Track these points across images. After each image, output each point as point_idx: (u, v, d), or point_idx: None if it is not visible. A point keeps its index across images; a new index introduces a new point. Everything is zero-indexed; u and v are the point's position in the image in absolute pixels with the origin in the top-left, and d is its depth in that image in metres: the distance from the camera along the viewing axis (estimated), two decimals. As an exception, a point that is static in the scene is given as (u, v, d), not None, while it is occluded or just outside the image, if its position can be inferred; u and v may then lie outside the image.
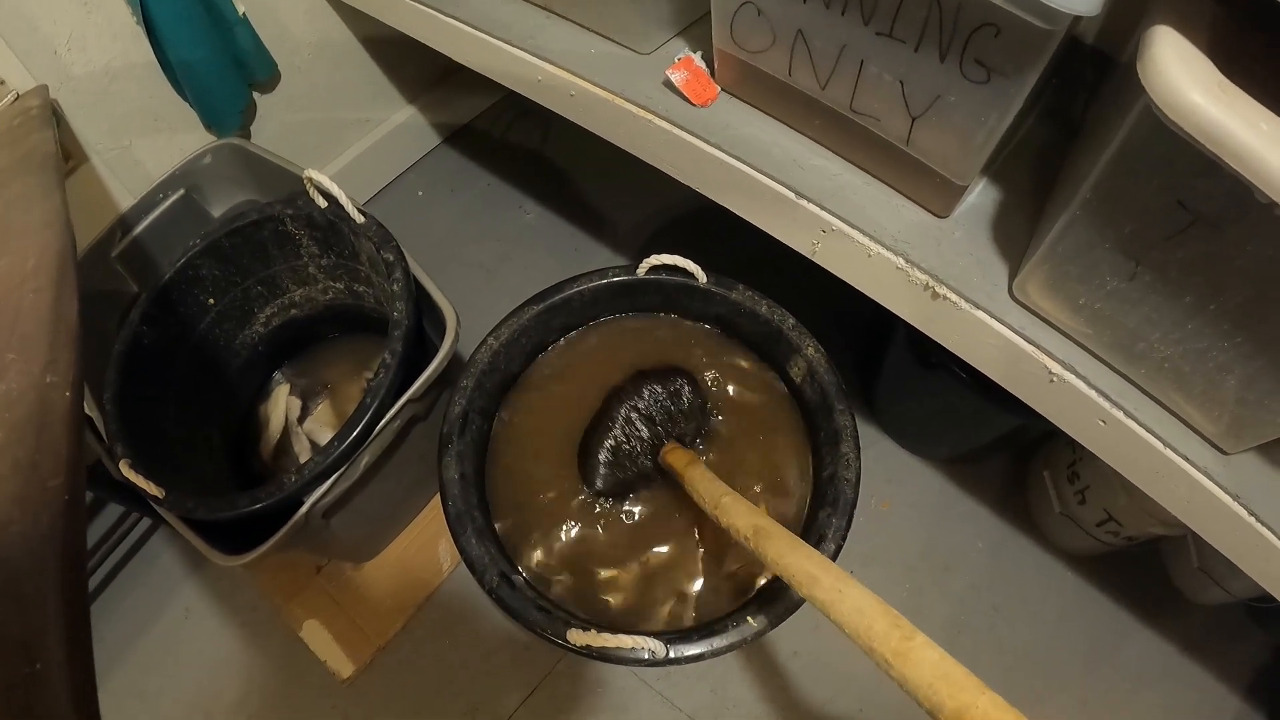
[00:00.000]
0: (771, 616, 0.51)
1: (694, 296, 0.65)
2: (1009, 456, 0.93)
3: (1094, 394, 0.45)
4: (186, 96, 0.79)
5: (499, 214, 1.15)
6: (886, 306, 0.52)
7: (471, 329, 0.66)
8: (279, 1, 0.84)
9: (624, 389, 0.61)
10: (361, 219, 0.66)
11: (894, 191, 0.51)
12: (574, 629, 0.50)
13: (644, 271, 0.63)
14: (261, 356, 0.83)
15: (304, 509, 0.58)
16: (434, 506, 0.87)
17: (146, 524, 0.91)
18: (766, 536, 0.44)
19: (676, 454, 0.58)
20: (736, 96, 0.56)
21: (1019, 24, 0.36)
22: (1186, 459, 0.43)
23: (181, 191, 0.79)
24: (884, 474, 0.92)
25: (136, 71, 0.75)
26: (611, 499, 0.61)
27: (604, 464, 0.59)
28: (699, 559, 0.59)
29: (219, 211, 0.84)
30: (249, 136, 0.91)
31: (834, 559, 0.52)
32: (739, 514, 0.47)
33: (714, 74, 0.56)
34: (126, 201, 0.78)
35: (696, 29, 0.60)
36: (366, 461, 0.61)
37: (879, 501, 0.90)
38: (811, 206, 0.50)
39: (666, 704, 0.80)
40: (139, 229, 0.77)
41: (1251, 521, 0.42)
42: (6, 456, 0.24)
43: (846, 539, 0.53)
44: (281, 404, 0.84)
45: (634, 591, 0.58)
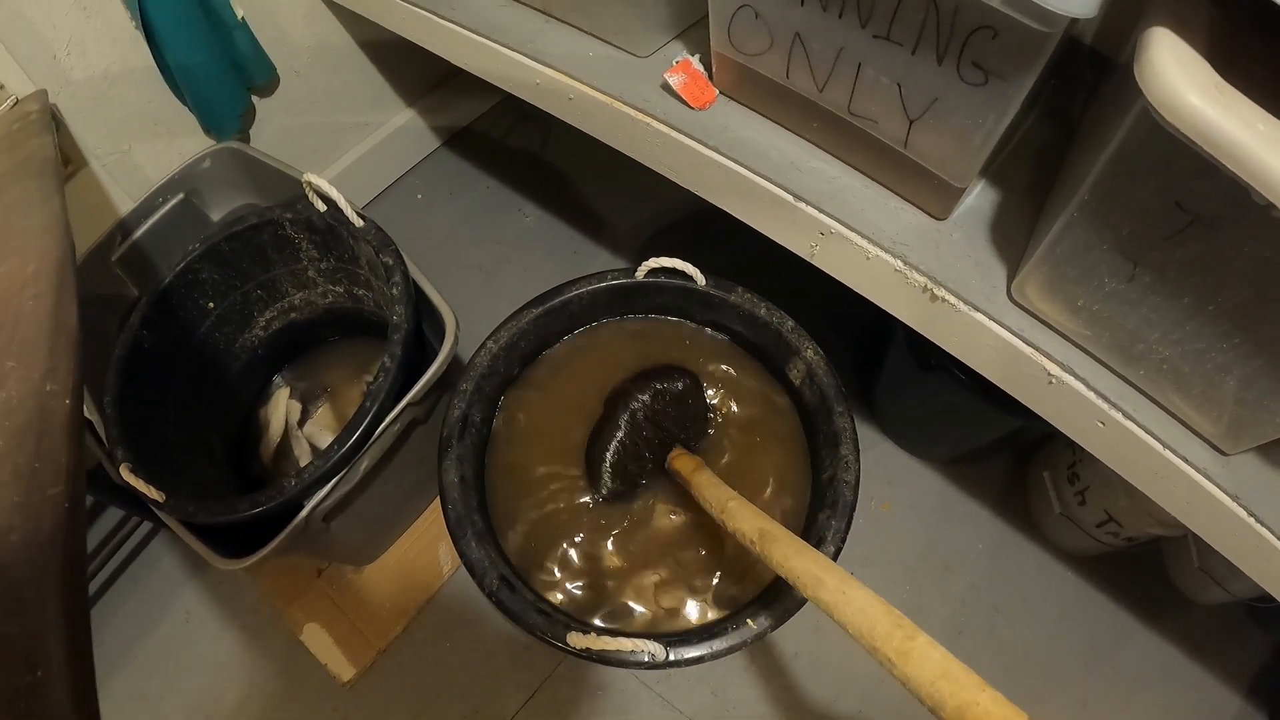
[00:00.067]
0: (772, 618, 0.51)
1: (693, 299, 0.65)
2: (1009, 458, 0.93)
3: (1093, 395, 0.45)
4: (185, 101, 0.79)
5: (498, 217, 1.15)
6: (885, 309, 0.52)
7: (471, 332, 0.66)
8: (278, 6, 0.84)
9: (628, 391, 0.60)
10: (360, 223, 0.66)
11: (892, 194, 0.51)
12: (574, 632, 0.50)
13: (643, 274, 0.63)
14: (261, 360, 0.84)
15: (304, 513, 0.58)
16: (434, 510, 0.87)
17: (147, 528, 0.91)
18: (772, 540, 0.44)
19: (683, 460, 0.59)
20: (734, 99, 0.56)
21: (1016, 26, 0.36)
22: (1186, 460, 0.43)
23: (181, 196, 0.79)
24: (884, 475, 0.92)
25: (135, 76, 0.75)
26: (614, 501, 0.61)
27: (610, 467, 0.59)
28: (700, 560, 0.59)
29: (218, 215, 0.84)
30: (248, 140, 0.91)
31: (834, 561, 0.52)
32: (745, 518, 0.48)
33: (712, 77, 0.56)
34: (126, 206, 0.78)
35: (694, 32, 0.60)
36: (366, 465, 0.61)
37: (879, 503, 0.90)
38: (809, 209, 0.50)
39: (667, 706, 0.80)
40: (138, 233, 0.77)
41: (1251, 522, 0.42)
42: (6, 464, 0.24)
43: (846, 541, 0.54)
44: (281, 407, 0.84)
45: (635, 593, 0.58)
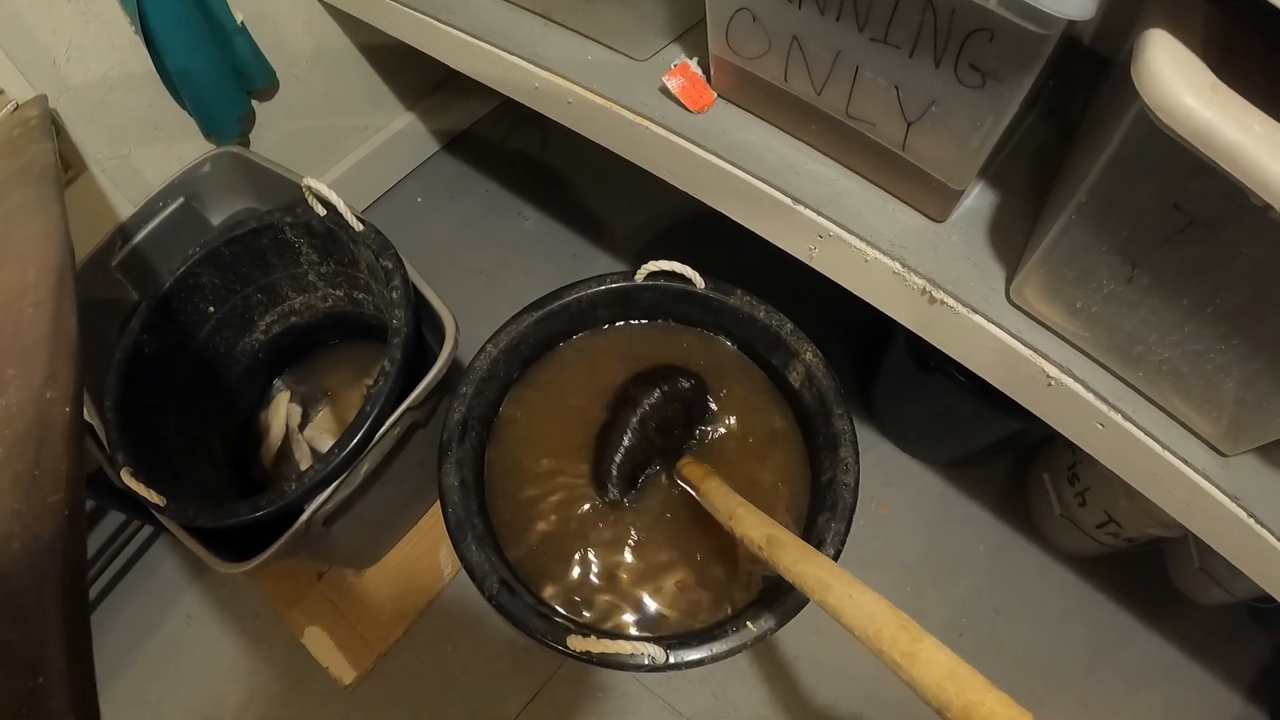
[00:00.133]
0: (772, 620, 0.51)
1: (692, 302, 0.65)
2: (1009, 459, 0.93)
3: (1092, 397, 0.45)
4: (185, 105, 0.79)
5: (498, 220, 1.15)
6: (884, 311, 0.52)
7: (471, 335, 0.66)
8: (277, 10, 0.84)
9: (634, 395, 0.60)
10: (360, 227, 0.66)
11: (890, 196, 0.51)
12: (574, 635, 0.50)
13: (642, 277, 0.63)
14: (262, 364, 0.84)
15: (305, 516, 0.58)
16: (434, 513, 0.87)
17: (148, 532, 0.91)
18: (780, 546, 0.45)
19: (693, 468, 0.59)
20: (732, 102, 0.56)
21: (1013, 29, 0.36)
22: (1185, 461, 0.43)
23: (181, 200, 0.80)
24: (884, 477, 0.92)
25: (135, 80, 0.75)
26: (618, 503, 0.61)
27: (617, 471, 0.59)
28: (702, 562, 0.59)
29: (218, 220, 0.84)
30: (248, 145, 0.91)
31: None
32: (753, 524, 0.48)
33: (710, 80, 0.56)
34: (126, 210, 0.78)
35: (692, 35, 0.60)
36: (367, 469, 0.61)
37: (879, 505, 0.90)
38: (808, 212, 0.50)
39: (668, 709, 0.80)
40: (139, 238, 0.78)
41: (1251, 523, 0.42)
42: (6, 471, 0.24)
43: (846, 543, 0.54)
44: (282, 411, 0.84)
45: (638, 596, 0.58)
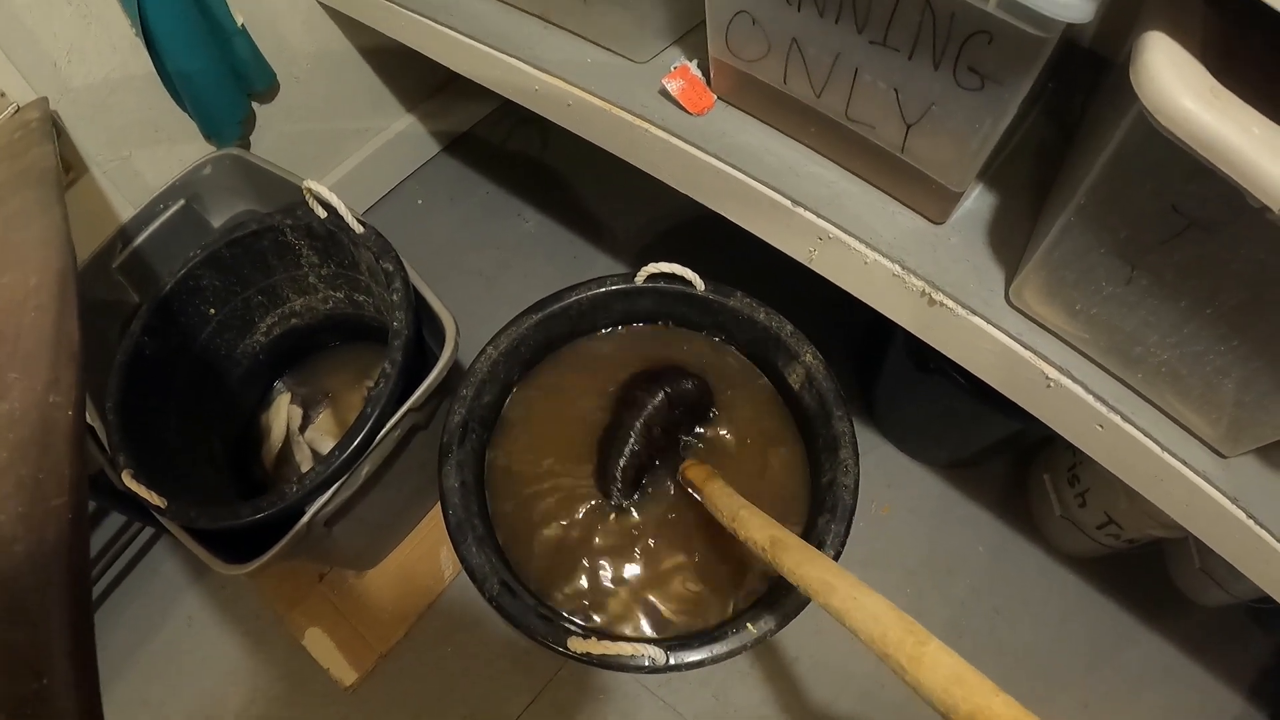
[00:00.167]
0: (773, 622, 0.51)
1: (692, 304, 0.65)
2: (1009, 460, 0.93)
3: (1091, 399, 0.45)
4: (186, 107, 0.79)
5: (498, 222, 1.15)
6: (883, 313, 0.52)
7: (471, 337, 0.66)
8: (277, 12, 0.84)
9: (640, 397, 0.60)
10: (360, 229, 0.66)
11: (890, 198, 0.51)
12: (575, 636, 0.50)
13: (642, 279, 0.63)
14: (262, 366, 0.84)
15: (306, 518, 0.58)
16: (435, 515, 0.87)
17: (149, 533, 0.91)
18: (783, 548, 0.44)
19: (696, 470, 0.59)
20: (732, 105, 0.56)
21: (1011, 32, 0.36)
22: (1185, 463, 0.43)
23: (181, 202, 0.80)
24: (884, 479, 0.92)
25: (136, 83, 0.75)
26: (623, 505, 0.61)
27: (622, 474, 0.59)
28: (705, 563, 0.59)
29: (219, 222, 0.84)
30: (248, 147, 0.91)
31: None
32: (756, 526, 0.48)
33: (710, 82, 0.56)
34: (127, 212, 0.78)
35: (692, 38, 0.61)
36: (368, 470, 0.61)
37: (879, 506, 0.90)
38: (808, 214, 0.51)
39: (669, 710, 0.80)
40: (139, 240, 0.78)
41: (1251, 524, 0.42)
42: (10, 476, 0.24)
43: (846, 544, 0.54)
44: (283, 413, 0.84)
45: (637, 596, 0.58)
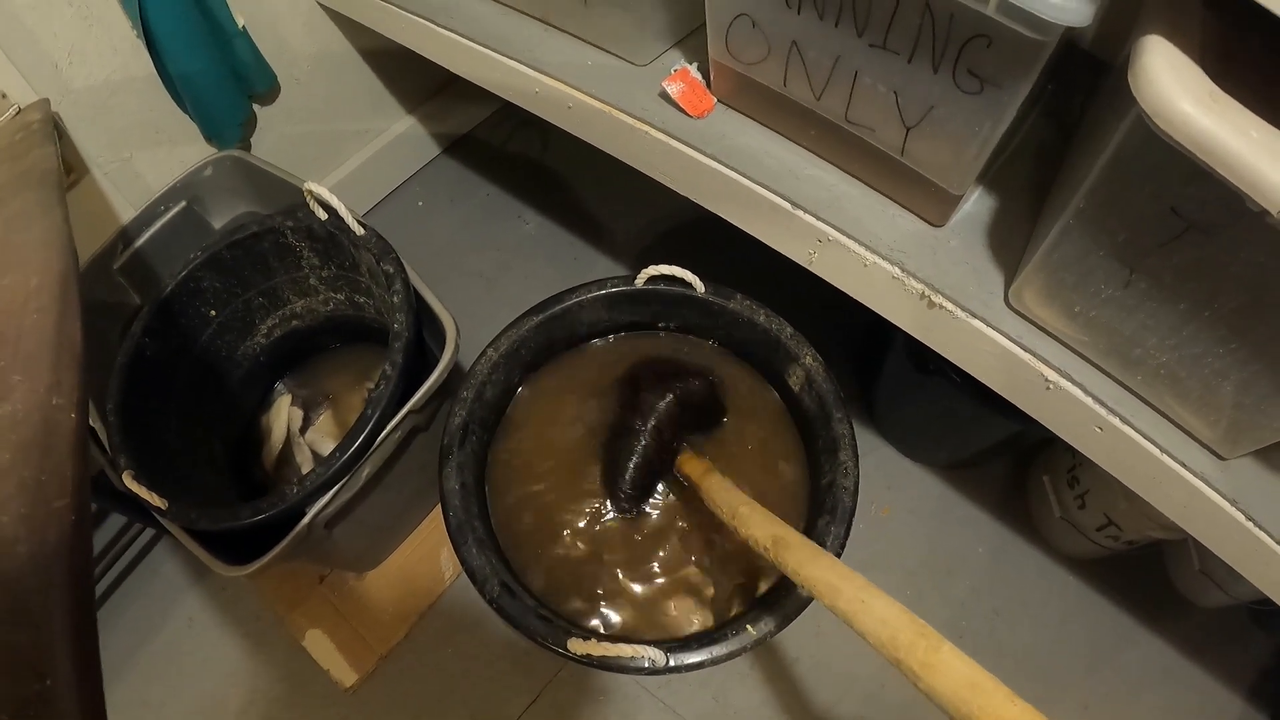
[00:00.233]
0: (772, 623, 0.51)
1: (692, 306, 0.65)
2: (1009, 462, 0.93)
3: (1090, 401, 0.45)
4: (186, 109, 0.79)
5: (498, 224, 1.15)
6: (883, 315, 0.52)
7: (472, 339, 0.66)
8: (278, 14, 0.84)
9: (649, 400, 0.59)
10: (361, 231, 0.66)
11: (889, 201, 0.51)
12: (575, 637, 0.50)
13: (642, 281, 0.63)
14: (263, 367, 0.84)
15: (306, 519, 0.58)
16: (435, 516, 0.87)
17: (149, 534, 0.91)
18: (786, 546, 0.43)
19: (692, 463, 0.58)
20: (732, 107, 0.56)
21: (1010, 35, 0.36)
22: (1184, 465, 0.43)
23: (182, 204, 0.80)
24: (884, 480, 0.92)
25: (137, 84, 0.75)
26: (630, 507, 0.61)
27: (632, 478, 0.59)
28: (705, 564, 0.59)
29: (220, 223, 0.84)
30: (249, 148, 0.91)
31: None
32: (757, 524, 0.46)
33: (710, 85, 0.56)
34: (128, 214, 0.78)
35: (692, 40, 0.61)
36: (368, 472, 0.61)
37: (879, 508, 0.90)
38: (807, 216, 0.51)
39: (669, 711, 0.80)
40: (140, 241, 0.78)
41: (1250, 526, 0.43)
42: (13, 477, 0.24)
43: (846, 546, 0.54)
44: (283, 414, 0.84)
45: (639, 597, 0.58)
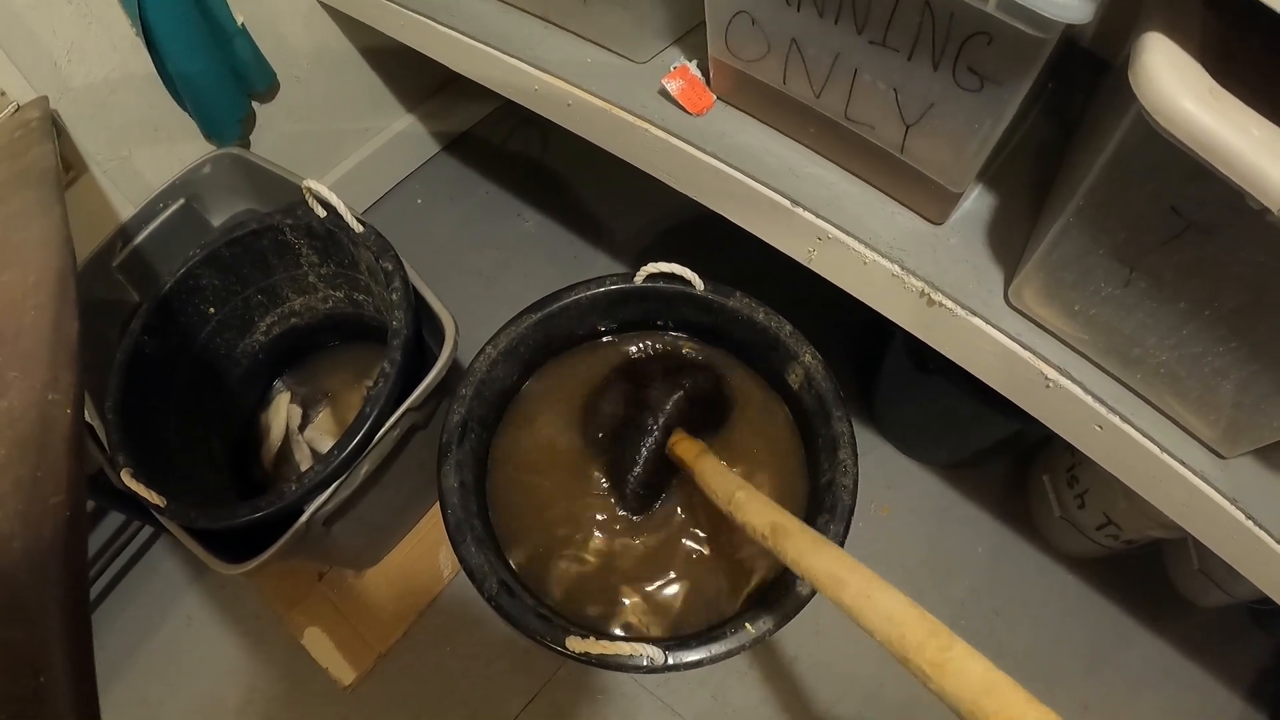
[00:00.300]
0: (771, 621, 0.51)
1: (691, 304, 0.65)
2: (1008, 461, 0.93)
3: (1090, 399, 0.45)
4: (186, 107, 0.79)
5: (498, 222, 1.15)
6: (883, 313, 0.52)
7: (471, 337, 0.66)
8: (277, 12, 0.84)
9: (658, 398, 0.59)
10: (360, 228, 0.66)
11: (889, 199, 0.51)
12: (573, 636, 0.50)
13: (641, 279, 0.63)
14: (262, 365, 0.84)
15: (305, 517, 0.58)
16: (434, 514, 0.87)
17: (148, 532, 0.91)
18: (786, 535, 0.41)
19: (686, 445, 0.56)
20: (732, 105, 0.56)
21: (1011, 32, 0.36)
22: (1184, 464, 0.43)
23: (181, 201, 0.80)
24: (884, 479, 0.92)
25: (136, 82, 0.75)
26: (637, 506, 0.61)
27: (639, 477, 0.58)
28: (707, 562, 0.59)
29: (219, 221, 0.84)
30: (248, 146, 0.91)
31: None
32: (755, 510, 0.45)
33: (709, 83, 0.56)
34: (127, 211, 0.78)
35: (692, 38, 0.61)
36: (366, 470, 0.61)
37: (879, 506, 0.90)
38: (807, 214, 0.51)
39: (667, 710, 0.80)
40: (139, 239, 0.78)
41: (1250, 525, 0.42)
42: (8, 474, 0.24)
43: (845, 545, 0.54)
44: (282, 412, 0.84)
45: (638, 596, 0.58)
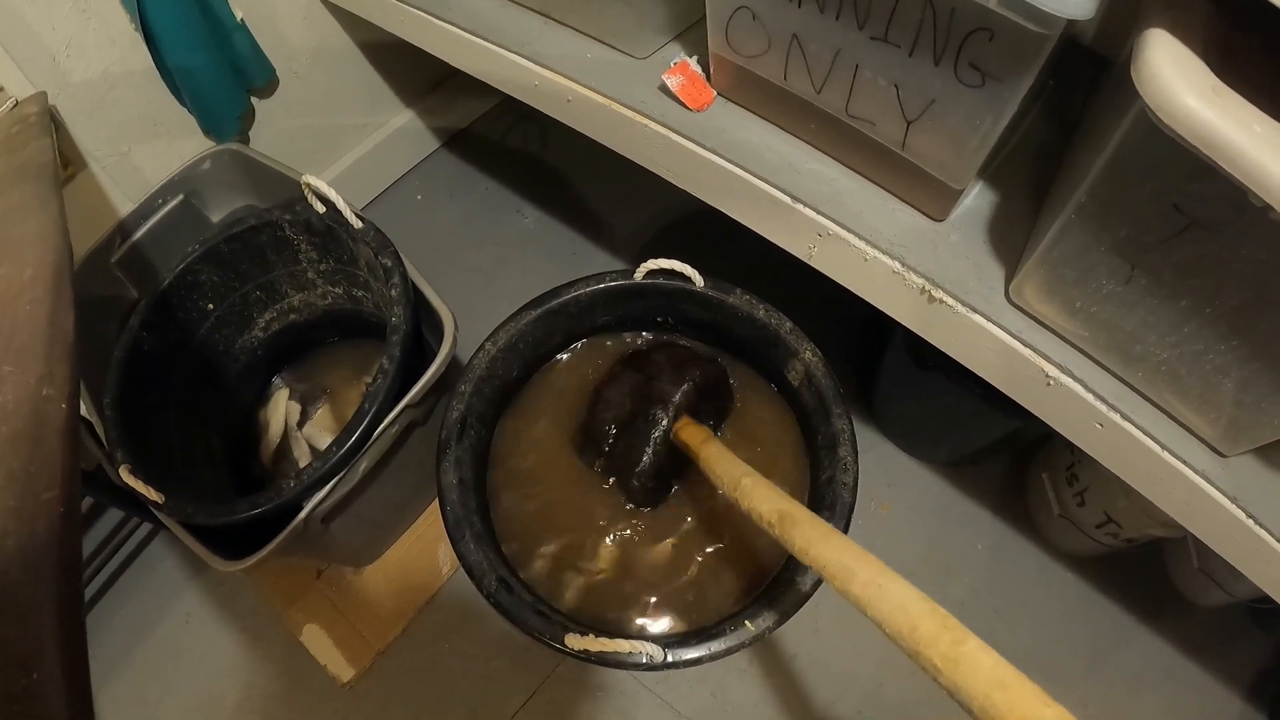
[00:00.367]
0: (770, 619, 0.51)
1: (691, 300, 0.64)
2: (1008, 459, 0.92)
3: (1091, 397, 0.45)
4: (185, 102, 0.79)
5: (497, 218, 1.15)
6: (883, 310, 0.52)
7: (470, 333, 0.66)
8: (276, 7, 0.84)
9: (665, 391, 0.58)
10: (359, 224, 0.66)
11: (890, 195, 0.51)
12: (572, 633, 0.50)
13: (641, 276, 0.63)
14: (261, 361, 0.84)
15: (303, 514, 0.58)
16: (433, 511, 0.87)
17: (146, 529, 0.91)
18: (793, 523, 0.40)
19: (691, 430, 0.55)
20: (732, 101, 0.56)
21: (1012, 28, 0.36)
22: (1184, 462, 0.43)
23: (180, 197, 0.79)
24: (884, 477, 0.92)
25: (135, 78, 0.75)
26: (642, 504, 0.61)
27: (645, 473, 0.58)
28: (709, 559, 0.59)
29: (218, 217, 0.84)
30: (247, 142, 0.91)
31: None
32: (761, 497, 0.43)
33: (710, 78, 0.56)
34: (126, 207, 0.78)
35: (692, 34, 0.60)
36: (365, 466, 0.61)
37: (879, 504, 0.90)
38: (807, 211, 0.50)
39: (667, 708, 0.80)
40: (138, 235, 0.77)
41: (1250, 524, 0.42)
42: (1, 469, 0.24)
43: (845, 543, 0.53)
44: (281, 409, 0.84)
45: (638, 592, 0.58)
